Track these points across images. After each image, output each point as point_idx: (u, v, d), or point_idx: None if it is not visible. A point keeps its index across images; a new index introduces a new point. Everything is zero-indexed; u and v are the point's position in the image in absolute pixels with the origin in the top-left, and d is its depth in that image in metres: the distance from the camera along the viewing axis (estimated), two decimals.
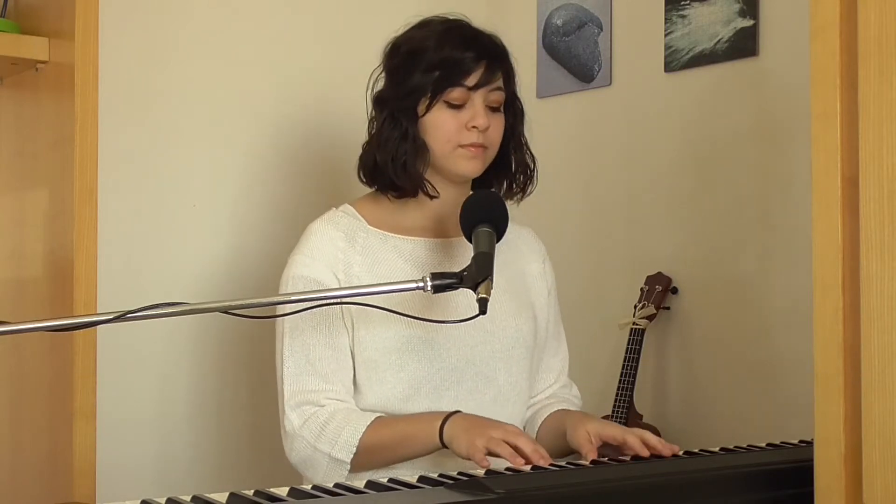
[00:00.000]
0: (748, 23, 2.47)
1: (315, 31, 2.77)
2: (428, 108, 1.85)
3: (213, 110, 2.62)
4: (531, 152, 1.98)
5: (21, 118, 2.52)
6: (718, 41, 2.53)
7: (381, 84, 1.94)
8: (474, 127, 1.84)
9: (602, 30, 2.82)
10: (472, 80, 1.83)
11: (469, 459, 1.69)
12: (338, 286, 1.85)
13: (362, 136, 1.96)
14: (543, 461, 1.65)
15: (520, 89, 1.97)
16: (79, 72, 2.29)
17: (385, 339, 1.83)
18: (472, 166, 1.86)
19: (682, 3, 2.61)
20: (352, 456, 1.78)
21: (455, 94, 1.84)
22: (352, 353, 1.86)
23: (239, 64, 2.65)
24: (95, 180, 2.32)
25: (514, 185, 1.96)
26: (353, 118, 2.72)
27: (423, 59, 1.84)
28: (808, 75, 1.31)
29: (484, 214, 1.74)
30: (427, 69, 1.84)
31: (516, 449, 1.67)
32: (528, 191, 1.98)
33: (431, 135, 1.86)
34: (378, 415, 1.82)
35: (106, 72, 2.36)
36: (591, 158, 2.86)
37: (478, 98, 1.84)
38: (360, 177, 1.94)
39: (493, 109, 1.88)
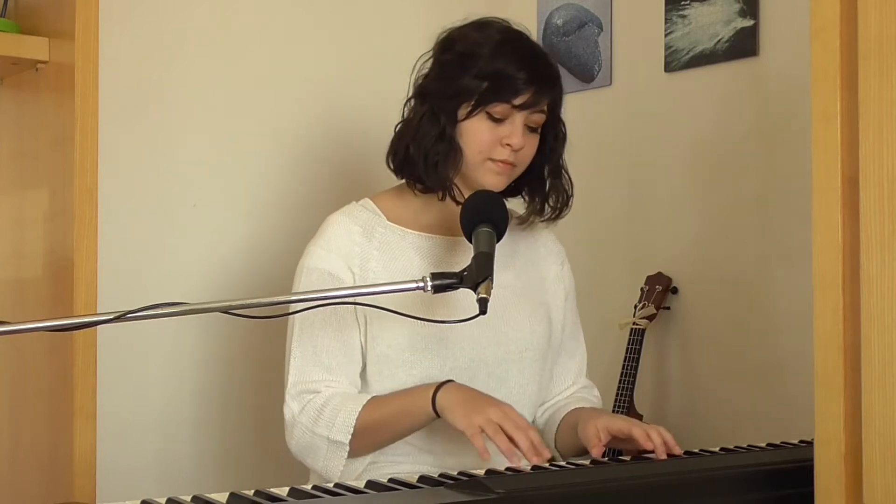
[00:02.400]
0: (748, 23, 2.48)
1: (318, 30, 2.77)
2: (469, 115, 1.83)
3: (213, 110, 2.62)
4: (570, 177, 1.97)
5: (21, 118, 2.52)
6: (718, 41, 2.53)
7: (425, 71, 1.91)
8: (508, 144, 1.83)
9: (602, 30, 2.82)
10: (519, 100, 1.82)
11: (464, 433, 1.69)
12: (352, 280, 1.85)
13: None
14: (539, 459, 1.65)
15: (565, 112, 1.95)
16: (79, 72, 2.29)
17: (399, 335, 1.83)
18: (497, 181, 1.85)
19: (682, 3, 2.61)
20: (350, 437, 1.78)
21: (499, 108, 1.82)
22: (364, 347, 1.86)
23: (239, 63, 2.65)
24: (95, 180, 2.32)
25: (547, 207, 1.95)
26: (356, 116, 2.73)
27: (476, 65, 1.82)
28: (808, 75, 1.31)
29: (484, 214, 1.73)
30: (477, 76, 1.82)
31: (512, 441, 1.66)
32: (563, 214, 1.97)
33: (466, 141, 1.85)
34: (372, 395, 1.83)
35: (106, 72, 2.36)
36: (591, 158, 2.86)
37: (519, 118, 1.83)
38: (388, 163, 1.92)
39: (531, 129, 1.86)
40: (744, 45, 2.48)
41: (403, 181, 1.93)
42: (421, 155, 1.85)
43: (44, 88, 2.42)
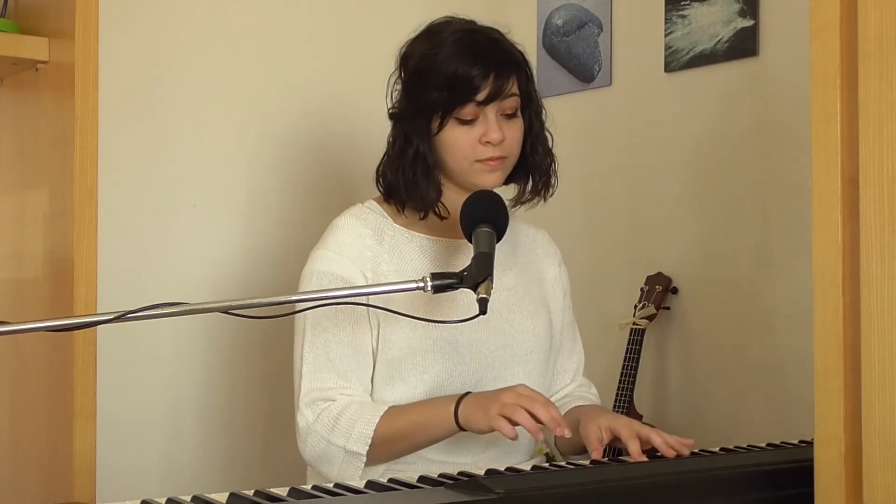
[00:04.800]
0: (748, 23, 2.48)
1: (317, 30, 2.77)
2: (440, 127, 1.82)
3: (213, 110, 2.62)
4: (550, 151, 1.94)
5: (21, 118, 2.52)
6: (718, 41, 2.53)
7: (396, 90, 1.91)
8: (488, 142, 1.81)
9: (602, 30, 2.82)
10: (482, 96, 1.80)
11: (492, 432, 1.69)
12: (365, 284, 1.82)
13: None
14: (561, 429, 1.65)
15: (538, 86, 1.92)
16: (79, 72, 2.29)
17: (411, 339, 1.82)
18: (492, 179, 1.84)
19: (682, 3, 2.61)
20: (367, 447, 1.77)
21: (466, 110, 1.80)
22: (375, 351, 1.85)
23: (239, 63, 2.65)
24: (95, 180, 2.32)
25: (529, 186, 1.94)
26: (356, 117, 2.73)
27: (432, 77, 1.81)
28: (808, 75, 1.31)
29: (484, 214, 1.73)
30: (436, 87, 1.80)
31: (533, 416, 1.66)
32: (550, 192, 1.95)
33: (447, 152, 1.84)
34: (389, 405, 1.82)
35: (106, 72, 2.36)
36: (591, 158, 2.86)
37: (490, 111, 1.81)
38: (378, 188, 1.92)
39: (509, 116, 1.84)
40: (744, 45, 2.48)
41: None
42: (400, 180, 1.85)
43: (44, 88, 2.42)
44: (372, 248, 1.86)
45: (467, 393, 1.78)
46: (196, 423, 2.61)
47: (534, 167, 1.93)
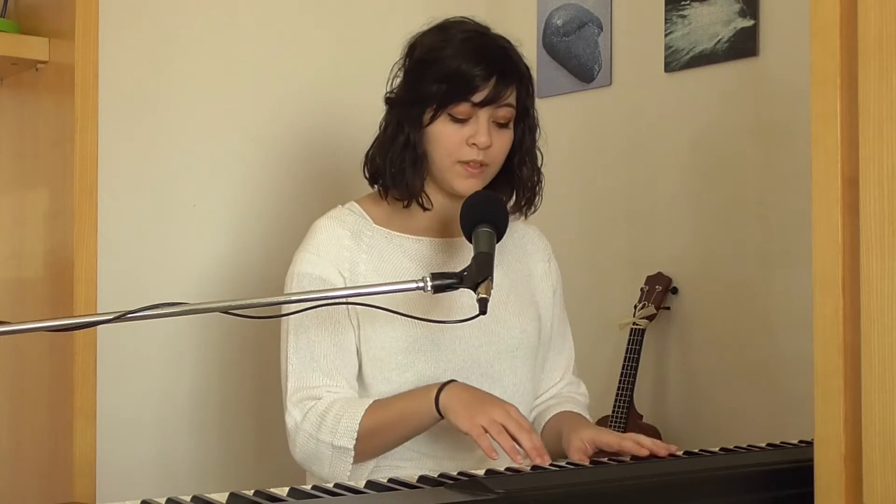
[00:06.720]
0: (748, 23, 2.48)
1: (317, 30, 2.77)
2: (432, 120, 1.83)
3: (214, 110, 2.62)
4: (538, 169, 1.94)
5: (21, 118, 2.52)
6: (718, 41, 2.53)
7: (399, 76, 1.92)
8: (474, 144, 1.82)
9: (602, 30, 2.82)
10: (478, 97, 1.80)
11: (468, 435, 1.69)
12: (343, 284, 1.84)
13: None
14: (541, 460, 1.66)
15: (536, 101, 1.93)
16: (79, 72, 2.29)
17: (391, 338, 1.83)
18: (468, 185, 1.84)
19: (682, 3, 2.61)
20: (354, 442, 1.77)
21: (460, 108, 1.81)
22: (358, 350, 1.86)
23: (239, 63, 2.65)
24: (95, 180, 2.32)
25: (519, 201, 1.94)
26: (355, 118, 2.73)
27: (434, 69, 1.82)
28: (808, 75, 1.31)
29: (484, 214, 1.73)
30: (436, 80, 1.81)
31: (516, 441, 1.67)
32: (533, 208, 1.96)
33: (433, 146, 1.84)
34: (374, 398, 1.82)
35: (106, 72, 2.36)
36: (591, 158, 2.86)
37: (483, 115, 1.81)
38: (364, 173, 1.93)
39: (501, 125, 1.85)
40: (744, 45, 2.48)
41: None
42: (387, 165, 1.86)
43: (44, 88, 2.42)
44: (349, 248, 1.87)
45: (452, 381, 1.78)
46: (194, 423, 2.61)
47: (519, 182, 1.93)
